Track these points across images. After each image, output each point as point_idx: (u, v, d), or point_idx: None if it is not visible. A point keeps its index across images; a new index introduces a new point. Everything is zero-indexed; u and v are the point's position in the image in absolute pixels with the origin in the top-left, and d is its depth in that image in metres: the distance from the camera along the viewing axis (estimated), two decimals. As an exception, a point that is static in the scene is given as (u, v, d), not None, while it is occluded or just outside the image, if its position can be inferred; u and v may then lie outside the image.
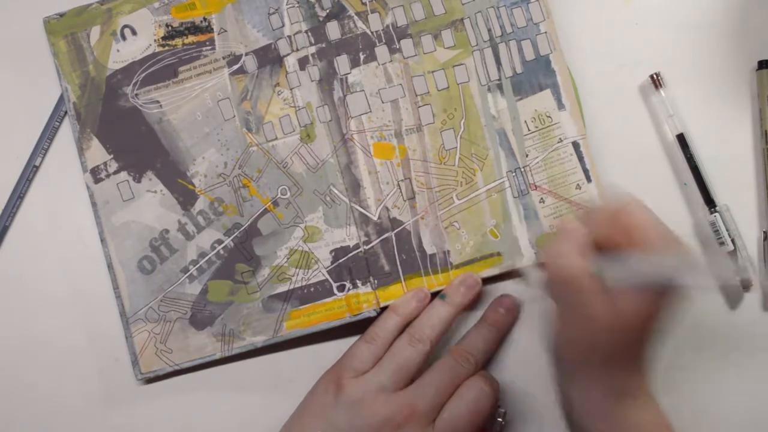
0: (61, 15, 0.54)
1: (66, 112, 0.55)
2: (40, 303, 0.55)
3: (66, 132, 0.55)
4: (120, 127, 0.54)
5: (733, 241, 0.52)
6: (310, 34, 0.53)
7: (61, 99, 0.55)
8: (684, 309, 0.45)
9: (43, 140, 0.55)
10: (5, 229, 0.55)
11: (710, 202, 0.53)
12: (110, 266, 0.53)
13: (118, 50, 0.54)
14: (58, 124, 0.55)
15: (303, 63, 0.53)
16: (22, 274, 0.55)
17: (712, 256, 0.51)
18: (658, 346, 0.47)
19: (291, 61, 0.53)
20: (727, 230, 0.52)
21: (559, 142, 0.53)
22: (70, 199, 0.55)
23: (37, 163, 0.55)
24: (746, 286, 0.52)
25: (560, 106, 0.53)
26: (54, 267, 0.55)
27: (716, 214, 0.53)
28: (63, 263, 0.55)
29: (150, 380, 0.54)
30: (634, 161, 0.54)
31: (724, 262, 0.51)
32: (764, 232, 0.53)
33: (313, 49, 0.53)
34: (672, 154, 0.54)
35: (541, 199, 0.53)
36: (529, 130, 0.53)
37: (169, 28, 0.54)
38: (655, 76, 0.54)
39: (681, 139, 0.53)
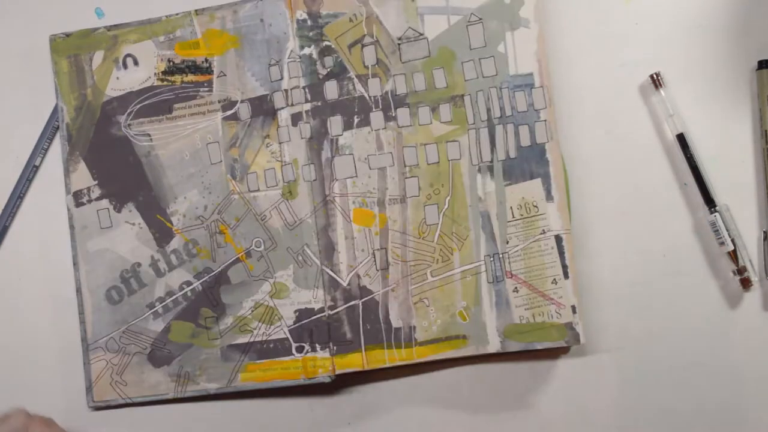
0: (68, 35, 0.55)
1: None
2: (41, 304, 0.55)
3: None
4: (108, 155, 0.54)
5: (733, 241, 0.52)
6: (307, 90, 0.53)
7: (62, 98, 0.55)
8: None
9: (43, 140, 0.56)
10: (5, 229, 0.55)
11: (710, 202, 0.52)
12: (78, 290, 0.54)
13: (117, 78, 0.54)
14: (57, 124, 0.55)
15: (296, 119, 0.53)
16: (22, 275, 0.55)
17: None
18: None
19: (284, 115, 0.53)
20: (727, 230, 0.51)
21: (542, 234, 0.52)
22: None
23: (37, 163, 0.56)
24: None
25: (549, 197, 0.52)
26: (54, 267, 0.55)
27: (716, 214, 0.52)
28: (63, 264, 0.55)
29: (101, 408, 0.54)
30: (634, 161, 0.53)
31: None
32: (764, 232, 0.52)
33: (308, 106, 0.53)
34: (672, 154, 0.53)
35: (516, 288, 0.52)
36: (513, 216, 0.52)
37: (171, 63, 0.54)
38: (655, 75, 0.53)
39: (681, 139, 0.53)
